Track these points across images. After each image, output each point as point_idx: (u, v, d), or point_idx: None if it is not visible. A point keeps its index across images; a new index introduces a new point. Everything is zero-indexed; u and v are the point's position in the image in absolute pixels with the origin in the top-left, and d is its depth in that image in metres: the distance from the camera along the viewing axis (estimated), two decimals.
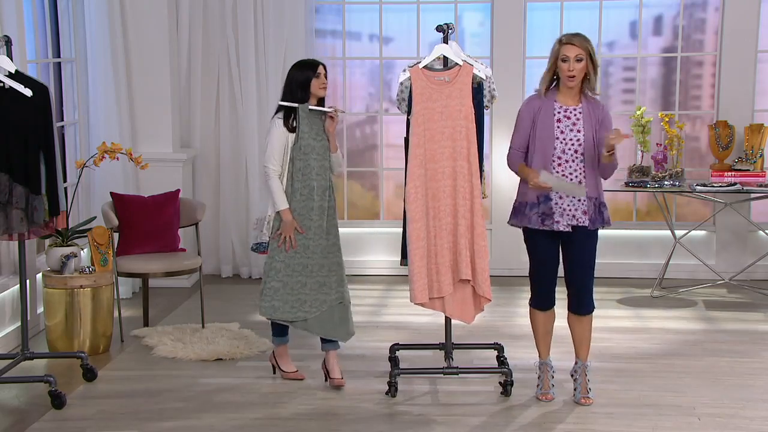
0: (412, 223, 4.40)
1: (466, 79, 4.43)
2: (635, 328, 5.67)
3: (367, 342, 5.45)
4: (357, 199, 7.55)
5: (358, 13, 7.36)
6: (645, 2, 7.03)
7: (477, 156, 4.42)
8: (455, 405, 4.43)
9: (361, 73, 7.48)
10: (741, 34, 6.78)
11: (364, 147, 7.51)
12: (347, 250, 7.35)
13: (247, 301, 6.50)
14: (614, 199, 7.20)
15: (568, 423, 4.18)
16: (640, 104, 6.88)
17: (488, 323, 5.78)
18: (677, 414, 4.25)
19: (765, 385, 4.63)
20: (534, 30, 7.15)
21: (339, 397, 4.54)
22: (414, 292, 4.41)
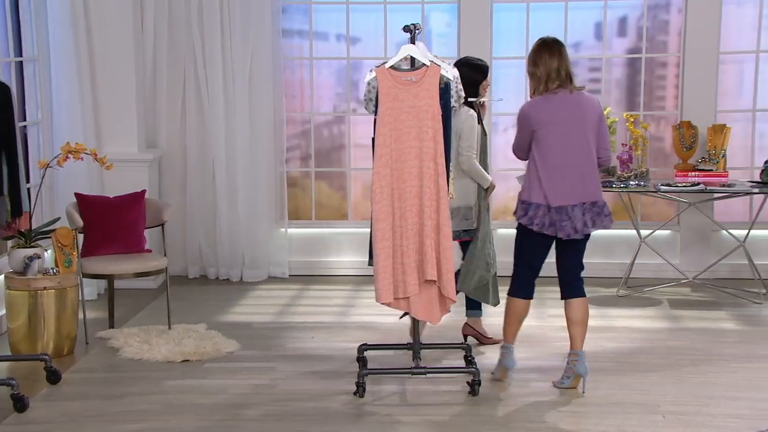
0: (377, 223, 4.40)
1: (433, 80, 4.43)
2: (601, 327, 5.70)
3: (335, 342, 5.45)
4: (325, 200, 7.54)
5: (325, 13, 7.36)
6: (610, 4, 7.10)
7: (444, 156, 4.43)
8: (423, 405, 4.44)
9: (328, 73, 7.47)
10: (703, 35, 6.86)
11: (331, 147, 7.50)
12: (315, 251, 7.41)
13: (214, 302, 6.48)
14: None
15: (535, 422, 4.19)
16: (606, 105, 6.93)
17: (456, 323, 5.78)
18: (642, 412, 4.28)
19: (727, 383, 4.67)
20: (500, 31, 7.20)
21: (306, 398, 4.53)
22: (379, 292, 4.42)
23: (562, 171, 4.51)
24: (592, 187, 4.54)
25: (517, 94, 7.26)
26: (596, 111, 4.58)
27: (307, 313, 6.21)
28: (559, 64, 4.53)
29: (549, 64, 4.53)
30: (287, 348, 5.39)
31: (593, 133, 4.55)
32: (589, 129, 4.54)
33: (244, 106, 7.02)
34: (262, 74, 7.01)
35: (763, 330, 5.64)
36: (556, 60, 4.53)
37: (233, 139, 7.05)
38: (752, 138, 7.00)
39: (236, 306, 6.42)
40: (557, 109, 4.53)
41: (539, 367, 4.93)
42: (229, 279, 7.15)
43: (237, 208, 7.10)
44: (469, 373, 4.60)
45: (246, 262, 7.14)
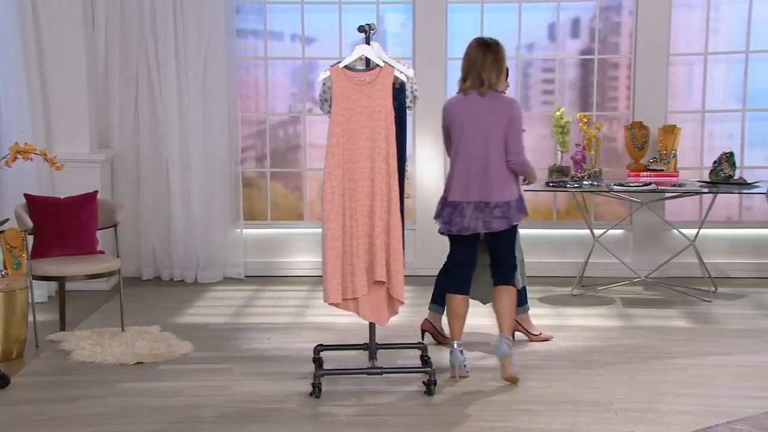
0: (327, 223, 4.40)
1: (386, 80, 4.44)
2: (556, 325, 5.76)
3: (291, 343, 5.44)
4: (280, 200, 7.52)
5: (280, 13, 7.33)
6: (562, 5, 7.17)
7: (396, 157, 4.43)
8: (379, 405, 4.44)
9: (283, 73, 7.45)
10: (653, 37, 6.97)
11: (287, 147, 7.48)
12: (270, 252, 7.39)
13: (168, 304, 6.42)
14: (534, 199, 7.31)
15: (489, 420, 4.22)
16: (559, 105, 7.02)
17: (413, 323, 5.81)
18: (595, 410, 4.33)
19: (677, 380, 4.74)
20: (455, 31, 7.23)
21: (261, 399, 4.51)
22: (327, 292, 4.42)
23: (462, 169, 4.70)
24: (492, 187, 4.65)
25: None
26: (507, 114, 4.65)
27: (262, 314, 6.19)
28: (480, 66, 4.66)
29: (469, 65, 4.70)
30: (242, 349, 5.37)
31: (500, 135, 4.64)
32: (495, 131, 4.64)
33: (198, 106, 6.98)
34: (216, 74, 6.97)
35: (711, 328, 5.73)
36: (478, 62, 4.67)
37: (187, 140, 7.00)
38: (701, 138, 7.12)
39: (191, 307, 6.38)
40: (465, 110, 4.69)
41: (494, 367, 4.95)
42: (183, 280, 7.09)
43: (191, 209, 7.05)
44: (424, 372, 4.62)
45: (201, 263, 7.09)
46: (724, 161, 6.56)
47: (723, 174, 6.54)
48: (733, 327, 5.73)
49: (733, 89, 7.14)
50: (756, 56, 7.01)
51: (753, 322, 5.83)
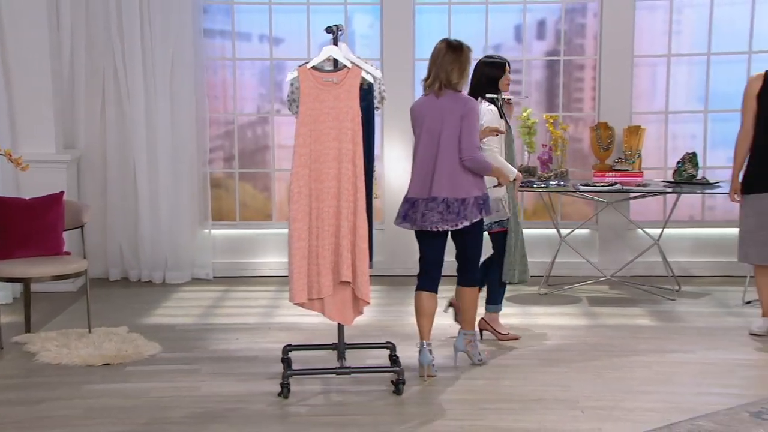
0: (294, 223, 4.42)
1: (354, 81, 4.46)
2: (523, 324, 5.81)
3: (260, 343, 5.44)
4: (249, 200, 7.51)
5: (248, 13, 7.33)
6: (529, 7, 7.24)
7: (362, 158, 4.45)
8: (348, 404, 4.46)
9: (251, 73, 7.44)
10: (618, 39, 7.05)
11: (255, 148, 7.48)
12: (239, 252, 7.37)
13: (135, 305, 6.40)
14: None
15: (458, 419, 4.25)
16: (526, 106, 7.08)
17: (381, 323, 5.85)
18: (562, 408, 4.37)
19: (642, 377, 4.81)
20: (423, 32, 7.27)
21: (230, 399, 4.51)
22: (293, 292, 4.43)
23: (418, 167, 4.78)
24: (438, 185, 4.69)
25: None
26: (459, 112, 4.68)
27: (231, 315, 6.18)
28: (439, 66, 4.73)
29: (431, 64, 4.78)
30: (211, 350, 5.36)
31: (454, 133, 4.68)
32: (448, 129, 4.68)
33: (165, 106, 6.95)
34: (183, 74, 6.95)
35: (675, 326, 5.81)
36: (438, 61, 4.74)
37: (155, 140, 6.97)
38: (665, 139, 7.21)
39: (159, 308, 6.35)
40: (424, 109, 4.78)
41: (463, 366, 5.00)
42: (151, 281, 7.06)
43: (159, 210, 7.02)
44: (393, 372, 4.64)
45: (169, 264, 7.07)
46: (687, 161, 6.66)
47: (686, 174, 6.63)
48: (696, 325, 5.81)
49: (696, 91, 7.24)
50: (717, 58, 7.11)
51: (715, 320, 5.92)
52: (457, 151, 4.68)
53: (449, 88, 4.72)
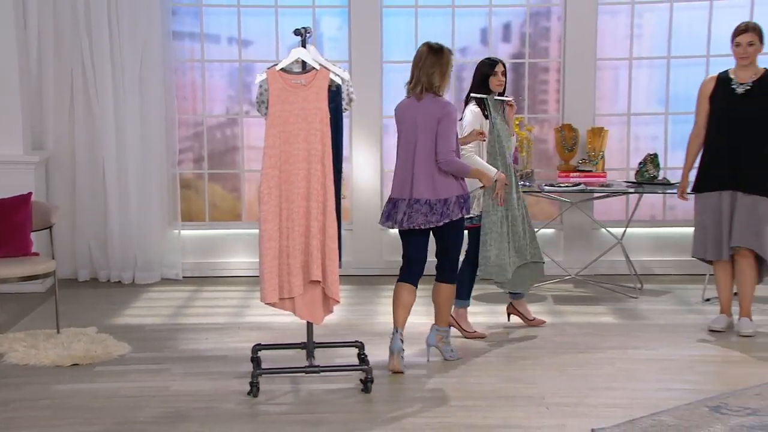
0: (264, 224, 4.46)
1: (322, 83, 4.51)
2: (491, 323, 5.87)
3: (229, 343, 5.46)
4: (218, 201, 7.53)
5: (216, 16, 7.34)
6: (494, 11, 7.32)
7: (331, 159, 4.51)
8: (317, 403, 4.50)
9: (220, 75, 7.46)
10: (581, 42, 7.16)
11: (225, 149, 7.50)
12: (209, 252, 7.39)
13: (105, 305, 6.39)
14: None
15: (426, 416, 4.30)
16: None
17: (349, 322, 5.89)
18: (528, 404, 4.43)
19: (606, 374, 4.89)
20: (390, 35, 7.33)
21: (199, 399, 4.54)
22: (264, 292, 4.47)
23: (399, 167, 4.94)
24: (419, 186, 4.82)
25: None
26: (436, 115, 4.80)
27: (200, 315, 6.20)
28: (420, 69, 4.85)
29: (413, 67, 4.90)
30: (180, 349, 5.38)
31: (430, 135, 4.80)
32: (425, 132, 4.81)
33: (134, 107, 6.95)
34: (152, 76, 6.96)
35: (638, 323, 5.91)
36: (419, 64, 4.86)
37: (124, 141, 6.97)
38: (627, 140, 7.33)
39: (128, 308, 6.36)
40: (404, 111, 4.92)
41: (431, 364, 5.06)
42: (120, 281, 7.06)
43: (128, 210, 7.02)
44: (362, 370, 4.68)
45: (138, 264, 7.07)
46: (648, 162, 6.78)
47: (648, 174, 6.75)
48: (658, 322, 5.91)
49: (657, 93, 7.37)
50: (677, 62, 7.24)
51: (676, 317, 6.03)
52: (433, 153, 4.79)
53: (431, 91, 4.84)
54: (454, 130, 4.85)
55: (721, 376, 4.85)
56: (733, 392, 4.48)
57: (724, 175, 5.48)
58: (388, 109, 7.38)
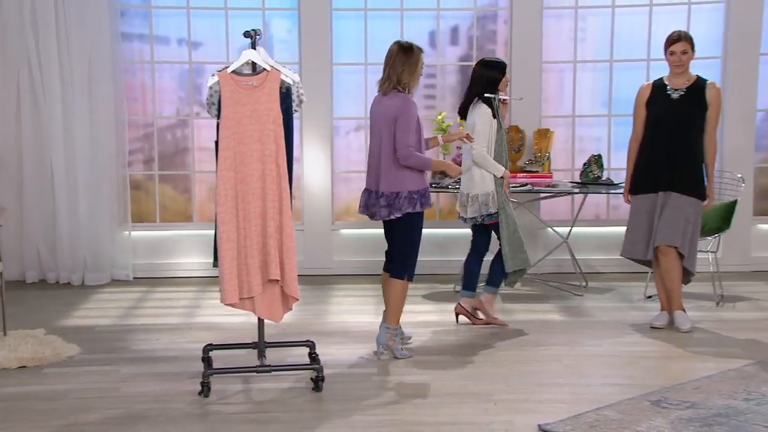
0: (222, 225, 4.48)
1: (273, 84, 4.54)
2: (440, 321, 5.93)
3: (180, 343, 5.46)
4: (169, 202, 7.50)
5: (165, 17, 7.31)
6: (442, 14, 7.40)
7: (285, 159, 4.55)
8: (268, 402, 4.51)
9: (170, 77, 7.43)
10: (527, 45, 7.27)
11: (175, 150, 7.48)
12: (160, 253, 7.36)
13: (53, 307, 6.33)
14: None
15: (376, 414, 4.33)
16: (441, 109, 7.25)
17: (301, 321, 5.92)
18: (475, 401, 4.48)
19: (552, 370, 4.97)
20: (340, 37, 7.37)
21: (150, 399, 4.53)
22: (225, 293, 4.49)
23: (369, 161, 5.19)
24: (381, 179, 5.06)
25: (356, 98, 7.47)
26: (393, 111, 5.00)
27: (151, 315, 6.18)
28: (389, 66, 5.05)
29: (385, 66, 5.08)
30: (131, 350, 5.36)
31: (389, 130, 5.02)
32: (385, 127, 5.04)
33: (83, 108, 6.91)
34: (101, 77, 6.92)
35: (583, 320, 6.02)
36: (390, 63, 5.05)
37: (72, 142, 6.92)
38: (572, 141, 7.46)
39: (78, 310, 6.31)
40: (373, 108, 5.17)
41: (380, 362, 5.11)
42: (69, 283, 7.01)
43: (77, 211, 6.97)
44: (313, 369, 4.71)
45: (88, 266, 7.02)
46: (593, 163, 6.92)
47: (592, 175, 6.89)
48: (602, 319, 6.03)
49: (600, 95, 7.50)
50: (619, 65, 7.39)
51: (620, 314, 6.15)
52: (392, 148, 5.00)
53: (399, 87, 5.03)
54: (413, 126, 4.99)
55: (662, 371, 4.96)
56: (672, 386, 4.59)
57: (659, 178, 5.63)
58: (338, 111, 7.44)
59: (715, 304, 6.34)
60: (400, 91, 5.02)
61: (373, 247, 7.46)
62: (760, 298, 6.60)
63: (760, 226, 7.50)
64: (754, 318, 6.03)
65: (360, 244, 7.48)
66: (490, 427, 4.15)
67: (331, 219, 7.45)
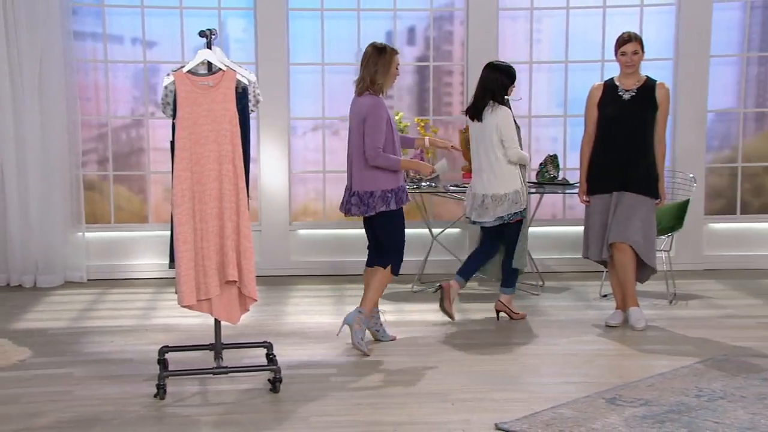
0: (178, 227, 4.44)
1: (229, 84, 4.52)
2: (398, 321, 5.95)
3: (136, 345, 5.41)
4: (124, 203, 7.43)
5: (119, 16, 7.24)
6: (399, 14, 7.43)
7: (242, 159, 4.53)
8: (225, 404, 4.49)
9: (124, 76, 7.36)
10: (483, 46, 7.31)
11: (130, 151, 7.41)
12: (114, 255, 7.28)
13: (3, 309, 6.25)
14: None
15: (334, 415, 4.33)
16: (398, 110, 7.27)
17: (258, 322, 5.90)
18: (433, 401, 4.49)
19: (509, 369, 5.00)
20: (297, 37, 7.36)
21: (104, 402, 4.48)
22: (182, 295, 4.45)
23: (347, 161, 5.33)
24: (354, 178, 5.26)
25: (313, 98, 7.46)
26: (362, 113, 5.17)
27: (106, 317, 6.12)
28: (365, 69, 5.21)
29: (361, 67, 5.23)
30: (85, 353, 5.30)
31: (359, 132, 5.19)
32: (356, 128, 5.22)
33: (34, 108, 6.81)
34: (53, 76, 6.82)
35: (540, 319, 6.07)
36: (365, 65, 5.22)
37: (23, 141, 6.82)
38: (529, 141, 7.50)
39: (29, 313, 6.22)
40: (350, 108, 5.32)
41: (339, 363, 5.11)
42: (21, 285, 6.90)
43: (29, 212, 6.87)
44: (270, 370, 4.69)
45: (40, 268, 6.92)
46: (548, 163, 6.98)
47: (548, 175, 6.96)
48: (559, 318, 6.10)
49: (556, 96, 7.59)
50: (574, 66, 7.48)
51: (576, 313, 6.22)
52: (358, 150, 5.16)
53: (372, 88, 5.17)
54: (381, 127, 5.11)
55: (617, 369, 5.01)
56: (627, 384, 4.65)
57: (613, 178, 5.70)
58: (295, 110, 7.42)
59: (668, 303, 6.44)
60: (372, 92, 5.16)
61: (331, 247, 7.47)
62: (711, 296, 6.71)
63: (711, 225, 7.64)
64: (706, 316, 6.14)
65: (318, 245, 7.48)
66: (447, 427, 4.16)
67: (288, 219, 7.43)
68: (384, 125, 5.11)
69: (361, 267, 5.55)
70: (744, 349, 5.28)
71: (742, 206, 7.66)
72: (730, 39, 7.51)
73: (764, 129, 7.68)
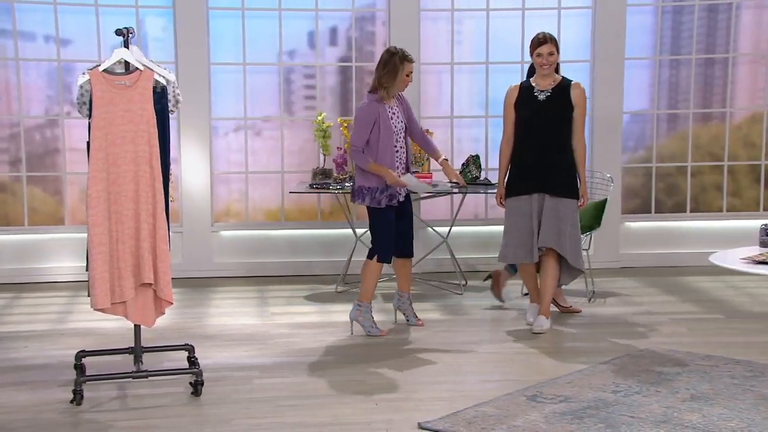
0: (93, 228, 4.35)
1: (146, 84, 4.45)
2: (322, 322, 5.95)
3: (51, 350, 5.29)
4: (39, 205, 7.24)
5: (31, 12, 7.05)
6: (320, 14, 7.41)
7: (159, 160, 4.46)
8: (144, 408, 4.43)
9: (37, 75, 7.17)
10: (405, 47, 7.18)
11: (44, 151, 7.22)
12: (28, 258, 7.09)
13: None
14: (299, 201, 7.52)
15: (256, 417, 4.31)
16: (321, 110, 7.26)
17: (179, 324, 5.82)
18: (357, 401, 4.51)
19: (432, 369, 5.03)
20: (218, 36, 7.29)
21: (18, 410, 4.37)
22: (95, 298, 4.37)
23: None
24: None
25: (235, 99, 7.39)
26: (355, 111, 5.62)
27: (19, 322, 5.97)
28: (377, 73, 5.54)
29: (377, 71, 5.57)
30: None
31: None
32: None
33: None
34: None
35: (463, 318, 6.14)
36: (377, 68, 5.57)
37: None
38: (451, 142, 7.59)
39: None
40: None
41: (261, 365, 5.08)
42: None
43: None
44: (192, 373, 4.65)
45: None
46: (471, 163, 7.05)
47: (470, 175, 7.02)
48: (481, 317, 6.16)
49: (477, 97, 7.67)
50: (494, 67, 7.56)
51: (497, 312, 6.30)
52: None
53: (378, 90, 5.51)
54: (364, 126, 5.44)
55: (537, 366, 5.09)
56: (547, 381, 4.72)
57: (532, 179, 5.72)
58: (216, 111, 7.34)
59: (587, 300, 6.56)
60: (376, 93, 5.49)
61: (255, 248, 7.42)
62: (628, 293, 6.87)
63: (627, 224, 7.82)
64: (623, 312, 6.28)
65: (241, 246, 7.41)
66: (370, 427, 4.17)
67: (210, 220, 7.35)
68: (368, 124, 5.42)
69: (284, 268, 5.54)
70: (659, 345, 5.42)
71: (656, 205, 7.85)
72: (643, 42, 7.70)
73: (677, 130, 7.90)
